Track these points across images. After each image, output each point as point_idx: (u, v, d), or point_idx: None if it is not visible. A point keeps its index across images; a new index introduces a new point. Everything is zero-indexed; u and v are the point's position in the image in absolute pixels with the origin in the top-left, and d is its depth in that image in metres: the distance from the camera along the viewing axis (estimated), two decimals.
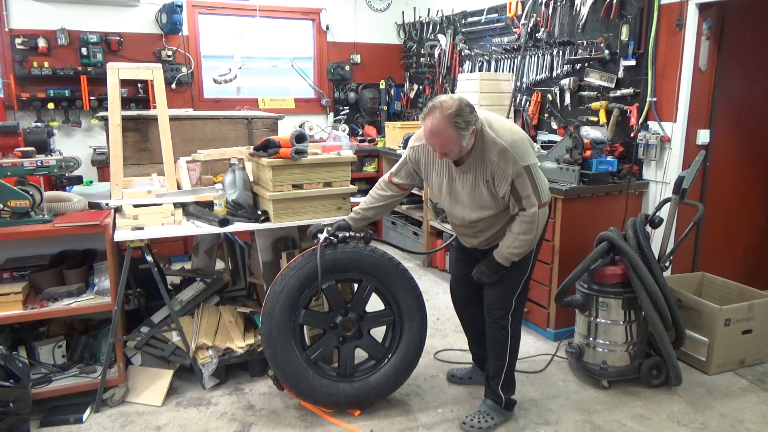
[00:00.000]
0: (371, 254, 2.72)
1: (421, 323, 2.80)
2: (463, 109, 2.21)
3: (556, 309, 3.48)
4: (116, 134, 2.84)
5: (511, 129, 2.39)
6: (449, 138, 2.22)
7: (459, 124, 2.20)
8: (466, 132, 2.23)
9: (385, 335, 2.84)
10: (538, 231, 2.42)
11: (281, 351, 2.59)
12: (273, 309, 2.59)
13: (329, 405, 2.71)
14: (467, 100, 2.27)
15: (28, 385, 2.57)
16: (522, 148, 2.32)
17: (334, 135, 5.39)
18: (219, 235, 3.61)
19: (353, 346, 2.76)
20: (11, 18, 4.76)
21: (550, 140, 4.17)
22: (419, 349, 2.81)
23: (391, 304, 2.79)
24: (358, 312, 2.76)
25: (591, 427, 2.66)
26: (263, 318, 2.62)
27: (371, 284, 2.74)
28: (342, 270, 2.68)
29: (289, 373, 2.60)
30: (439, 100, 2.24)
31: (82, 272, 2.84)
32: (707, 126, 3.52)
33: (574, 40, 4.01)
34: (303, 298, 2.64)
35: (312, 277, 2.61)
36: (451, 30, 5.36)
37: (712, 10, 3.33)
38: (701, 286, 3.53)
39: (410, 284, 2.78)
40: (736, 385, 3.02)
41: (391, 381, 2.76)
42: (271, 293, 2.61)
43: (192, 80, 5.42)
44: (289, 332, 2.61)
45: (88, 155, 4.78)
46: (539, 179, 2.37)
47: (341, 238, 2.64)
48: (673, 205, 3.09)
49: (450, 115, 2.19)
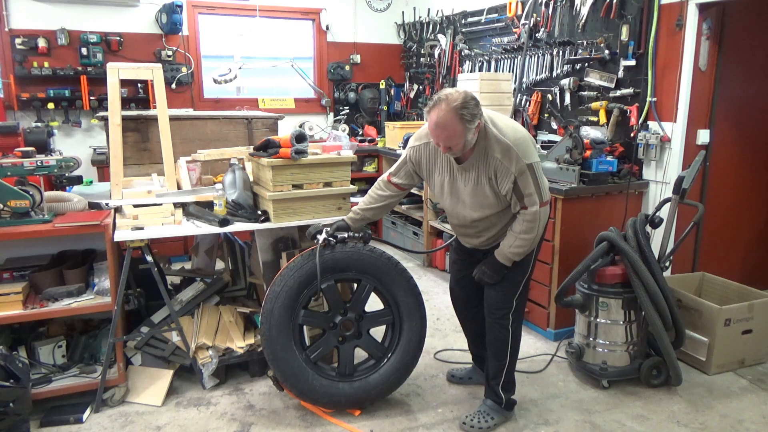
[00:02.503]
0: (370, 254, 2.72)
1: (420, 323, 2.80)
2: (469, 102, 2.21)
3: (556, 309, 3.48)
4: (116, 134, 2.84)
5: (514, 127, 2.39)
6: (455, 131, 2.22)
7: (465, 117, 2.20)
8: (472, 125, 2.23)
9: (385, 335, 2.84)
10: (539, 230, 2.42)
11: (281, 351, 2.60)
12: (272, 309, 2.59)
13: (329, 405, 2.71)
14: (472, 93, 2.27)
15: (28, 385, 2.57)
16: (525, 146, 2.32)
17: (334, 135, 5.39)
18: (219, 235, 3.61)
19: (353, 346, 2.77)
20: (11, 18, 4.76)
21: (550, 140, 4.17)
22: (419, 349, 2.81)
23: (391, 303, 2.79)
24: (358, 312, 2.76)
25: (591, 427, 2.66)
26: (263, 318, 2.62)
27: (370, 284, 2.75)
28: (341, 270, 2.68)
29: (288, 373, 2.61)
30: (445, 93, 2.24)
31: (82, 272, 2.84)
32: (707, 126, 3.52)
33: (574, 40, 4.01)
34: (302, 298, 2.64)
35: (311, 277, 2.61)
36: (451, 30, 5.36)
37: (712, 10, 3.33)
38: (701, 286, 3.52)
39: (409, 284, 2.78)
40: (736, 385, 3.02)
41: (391, 380, 2.76)
42: (271, 293, 2.62)
43: (192, 80, 5.42)
44: (288, 332, 2.61)
45: (88, 155, 4.78)
46: (541, 178, 2.37)
47: (340, 239, 2.64)
48: (673, 205, 3.09)
49: (456, 107, 2.19)
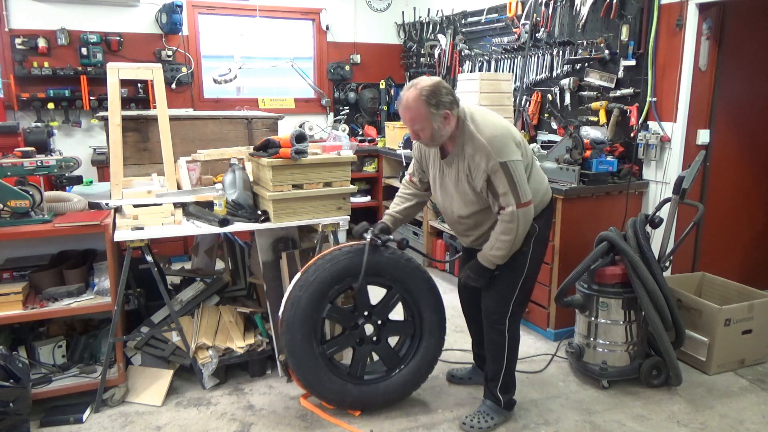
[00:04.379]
0: (407, 263, 2.68)
1: (437, 342, 2.79)
2: (439, 90, 2.25)
3: (556, 309, 3.48)
4: (116, 134, 2.84)
5: (494, 123, 2.34)
6: (418, 113, 2.26)
7: (430, 101, 2.24)
8: (437, 111, 2.25)
9: (401, 346, 2.83)
10: (519, 232, 2.34)
11: (300, 340, 2.55)
12: (300, 297, 2.54)
13: (334, 402, 2.70)
14: (449, 86, 2.32)
15: (28, 385, 2.57)
16: (500, 144, 2.27)
17: (334, 135, 5.38)
18: (219, 235, 3.61)
19: (369, 350, 2.75)
20: (11, 18, 4.75)
21: (550, 140, 4.17)
22: (431, 367, 2.81)
23: (415, 316, 2.76)
24: (382, 317, 2.74)
25: (591, 427, 2.66)
26: (288, 303, 2.56)
27: (400, 293, 2.71)
28: (376, 273, 2.64)
29: (302, 363, 2.57)
30: (419, 78, 2.32)
31: (82, 272, 2.84)
32: (707, 126, 3.52)
33: (574, 40, 4.01)
34: (332, 292, 2.60)
35: (346, 273, 2.56)
36: (451, 30, 5.36)
37: (712, 10, 3.33)
38: (701, 286, 3.52)
39: (437, 301, 2.76)
40: (736, 385, 3.02)
41: (398, 392, 2.76)
42: (302, 281, 2.56)
43: (192, 80, 5.42)
44: (311, 323, 2.56)
45: (88, 155, 4.78)
46: (518, 177, 2.28)
47: (384, 240, 2.62)
48: (673, 205, 3.09)
49: (422, 90, 2.24)
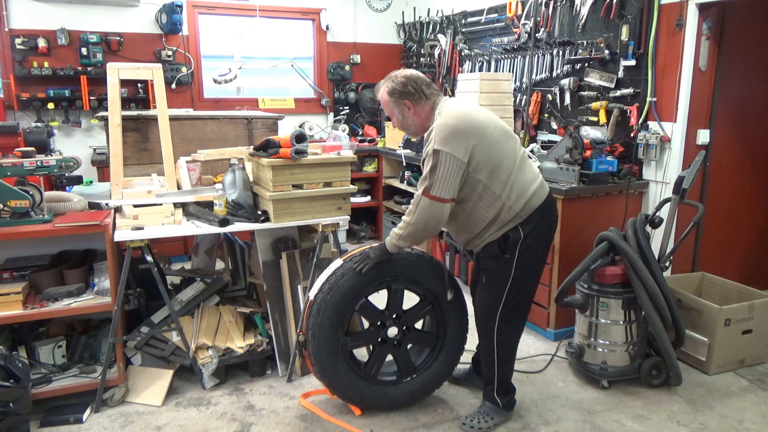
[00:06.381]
0: (450, 280, 2.68)
1: (454, 359, 2.81)
2: (405, 82, 2.36)
3: (556, 309, 3.48)
4: (116, 134, 2.84)
5: (452, 115, 2.29)
6: (384, 100, 2.44)
7: (393, 92, 2.37)
8: (398, 101, 2.37)
9: (419, 355, 2.83)
10: (419, 220, 2.30)
11: (328, 326, 2.52)
12: (339, 283, 2.53)
13: (341, 395, 2.68)
14: (424, 80, 2.39)
15: (28, 385, 2.57)
16: (445, 133, 2.23)
17: (334, 135, 5.39)
18: (219, 235, 3.61)
19: (388, 352, 2.73)
20: (11, 18, 4.75)
21: (550, 140, 4.17)
22: (439, 383, 2.82)
23: (440, 330, 2.76)
24: (408, 324, 2.74)
25: (591, 427, 2.66)
26: (325, 287, 2.54)
27: (432, 304, 2.71)
28: (413, 278, 2.63)
29: (323, 349, 2.55)
30: (396, 71, 2.44)
31: (82, 272, 2.84)
32: (707, 126, 3.52)
33: (574, 40, 4.01)
34: (371, 288, 2.59)
35: (389, 273, 2.56)
36: (451, 30, 5.36)
37: (712, 10, 3.33)
38: (701, 286, 3.52)
39: (464, 319, 2.77)
40: (736, 385, 3.02)
41: (404, 399, 2.76)
42: (346, 268, 2.54)
43: (192, 80, 5.42)
44: (341, 312, 2.54)
45: (88, 155, 4.77)
46: (444, 169, 2.22)
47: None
48: (673, 205, 3.09)
49: (388, 81, 2.40)
